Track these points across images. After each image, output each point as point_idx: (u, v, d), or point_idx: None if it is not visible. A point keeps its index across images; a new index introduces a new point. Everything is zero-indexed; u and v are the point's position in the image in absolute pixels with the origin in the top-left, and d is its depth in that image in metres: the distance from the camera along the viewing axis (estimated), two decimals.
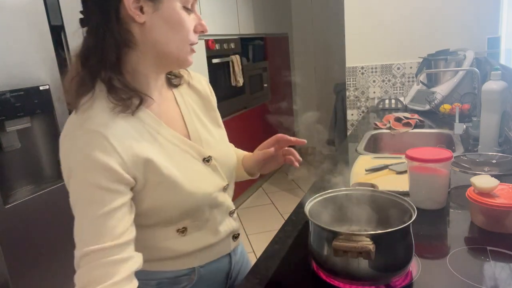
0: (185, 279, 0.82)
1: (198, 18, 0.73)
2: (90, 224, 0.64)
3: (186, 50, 0.72)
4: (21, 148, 1.45)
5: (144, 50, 0.70)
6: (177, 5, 0.69)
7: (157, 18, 0.68)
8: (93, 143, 0.65)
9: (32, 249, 1.43)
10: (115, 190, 0.65)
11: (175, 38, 0.70)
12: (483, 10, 2.42)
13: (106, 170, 0.64)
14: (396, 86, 2.76)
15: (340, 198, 0.90)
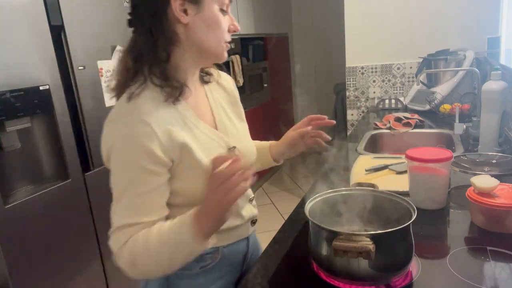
0: (209, 257, 0.89)
1: (231, 19, 0.84)
2: (129, 202, 0.76)
3: (222, 47, 0.83)
4: (21, 148, 1.45)
5: (187, 47, 0.80)
6: (215, 7, 0.79)
7: (199, 19, 0.78)
8: (138, 130, 0.73)
9: (32, 249, 1.43)
10: (154, 172, 0.74)
11: (213, 37, 0.80)
12: (483, 10, 2.42)
13: (148, 154, 0.73)
14: (396, 86, 2.76)
15: (340, 198, 0.90)
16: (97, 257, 1.74)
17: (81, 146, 1.67)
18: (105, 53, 1.80)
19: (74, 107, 1.64)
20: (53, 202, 1.52)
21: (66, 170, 1.59)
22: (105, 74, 1.79)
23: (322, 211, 0.87)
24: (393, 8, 2.63)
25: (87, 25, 1.70)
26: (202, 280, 0.90)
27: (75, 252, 1.62)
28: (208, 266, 0.90)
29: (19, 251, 1.39)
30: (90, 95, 1.71)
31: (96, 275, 1.74)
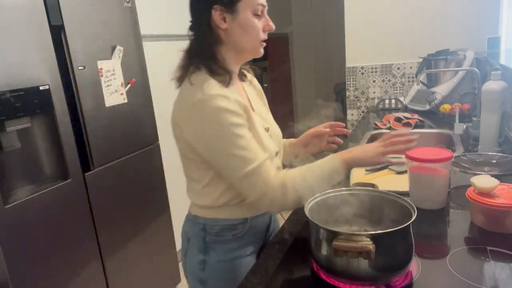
0: (240, 226, 1.05)
1: (267, 20, 0.98)
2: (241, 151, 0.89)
3: (257, 46, 0.99)
4: (21, 148, 1.45)
5: (229, 46, 0.98)
6: (249, 14, 0.94)
7: (235, 25, 0.95)
8: (216, 100, 0.89)
9: (32, 249, 1.43)
10: (244, 124, 0.92)
11: (248, 38, 0.97)
12: (483, 10, 2.42)
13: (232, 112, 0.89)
14: (396, 86, 2.76)
15: (340, 198, 0.90)
16: (97, 257, 1.74)
17: (81, 146, 1.67)
18: (105, 53, 1.80)
19: (74, 107, 1.64)
20: (53, 202, 1.52)
21: (66, 170, 1.59)
22: (105, 74, 1.79)
23: (322, 211, 0.87)
24: (393, 8, 2.63)
25: (87, 25, 1.70)
26: (234, 245, 1.05)
27: (75, 252, 1.62)
28: (238, 234, 1.05)
29: (19, 251, 1.39)
30: (90, 95, 1.71)
31: (96, 275, 1.74)
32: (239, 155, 0.89)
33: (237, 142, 0.89)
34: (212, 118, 0.88)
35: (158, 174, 2.19)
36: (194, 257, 1.06)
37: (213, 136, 0.89)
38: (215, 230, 1.04)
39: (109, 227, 1.80)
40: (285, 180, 0.92)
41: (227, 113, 0.89)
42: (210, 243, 1.04)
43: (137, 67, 2.00)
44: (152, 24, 2.36)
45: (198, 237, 1.05)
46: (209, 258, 1.04)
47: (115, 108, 1.84)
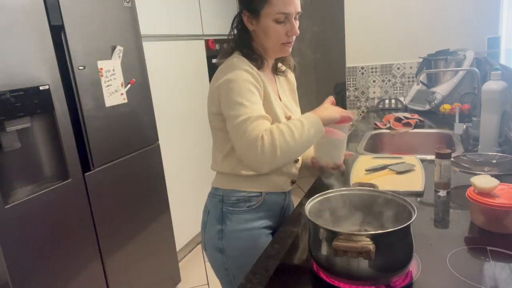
0: (255, 199, 1.16)
1: (292, 26, 1.12)
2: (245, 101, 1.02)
3: (278, 47, 1.14)
4: (21, 148, 1.45)
5: (257, 44, 1.16)
6: (270, 21, 1.09)
7: (259, 28, 1.12)
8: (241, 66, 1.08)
9: (32, 249, 1.43)
10: (258, 89, 1.07)
11: (269, 41, 1.12)
12: (483, 10, 2.42)
13: (251, 74, 1.07)
14: (396, 86, 2.76)
15: (340, 198, 0.90)
16: (97, 257, 1.74)
17: (81, 146, 1.67)
18: (105, 53, 1.80)
19: (74, 107, 1.64)
20: (53, 202, 1.52)
21: (66, 170, 1.59)
22: (105, 74, 1.79)
23: (322, 211, 0.87)
24: (393, 8, 2.63)
25: (87, 25, 1.70)
26: (248, 216, 1.16)
27: (75, 252, 1.62)
28: (253, 206, 1.16)
29: (19, 251, 1.39)
30: (90, 95, 1.71)
31: (96, 275, 1.74)
32: (242, 103, 1.01)
33: (246, 94, 1.03)
34: (235, 72, 1.06)
35: (158, 174, 2.19)
36: (212, 227, 1.18)
37: (231, 87, 1.04)
38: (232, 200, 1.16)
39: (109, 227, 1.80)
40: (272, 130, 0.99)
41: (247, 73, 1.06)
42: (227, 213, 1.16)
43: (137, 67, 2.00)
44: (152, 24, 2.36)
45: (216, 208, 1.18)
46: (225, 227, 1.15)
47: (115, 108, 1.84)
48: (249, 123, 0.99)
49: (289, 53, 1.19)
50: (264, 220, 1.18)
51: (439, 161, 1.16)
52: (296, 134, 0.99)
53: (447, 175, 1.16)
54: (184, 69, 2.67)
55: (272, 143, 0.96)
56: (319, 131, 1.03)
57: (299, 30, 1.16)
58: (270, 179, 1.18)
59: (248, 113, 1.00)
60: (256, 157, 0.98)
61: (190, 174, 2.70)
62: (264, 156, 0.96)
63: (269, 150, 0.96)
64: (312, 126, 1.02)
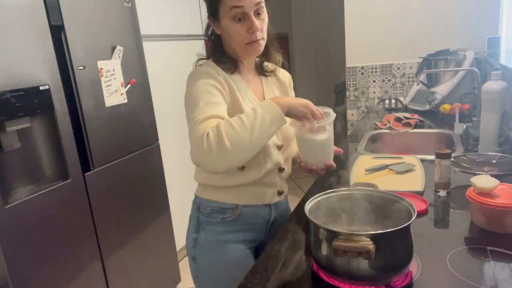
0: (229, 211, 1.10)
1: (250, 22, 1.00)
2: (205, 104, 0.94)
3: (244, 48, 1.04)
4: (21, 148, 1.45)
5: (227, 46, 1.09)
6: (228, 21, 1.01)
7: (223, 31, 1.05)
8: (204, 69, 1.03)
9: (32, 249, 1.43)
10: (219, 90, 1.00)
11: (233, 42, 1.04)
12: (483, 10, 2.42)
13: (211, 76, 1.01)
14: (396, 86, 2.76)
15: (340, 198, 0.90)
16: (97, 257, 1.74)
17: (81, 146, 1.67)
18: (105, 53, 1.80)
19: (74, 107, 1.64)
20: (53, 202, 1.52)
21: (66, 170, 1.59)
22: (105, 74, 1.79)
23: (322, 211, 0.87)
24: (393, 8, 2.63)
25: (87, 25, 1.70)
26: (221, 228, 1.10)
27: (75, 252, 1.62)
28: (227, 219, 1.10)
29: (19, 251, 1.39)
30: (90, 95, 1.71)
31: (96, 275, 1.74)
32: (200, 105, 0.94)
33: (203, 95, 0.96)
34: (194, 77, 1.02)
35: (158, 174, 2.19)
36: (190, 234, 1.16)
37: (190, 89, 1.00)
38: (207, 210, 1.11)
39: (109, 227, 1.80)
40: (219, 124, 0.89)
41: (207, 75, 1.01)
42: (202, 223, 1.13)
43: (137, 67, 2.00)
44: (152, 24, 2.36)
45: (194, 216, 1.15)
46: (199, 236, 1.12)
47: (115, 108, 1.84)
48: (197, 124, 0.90)
49: (259, 52, 1.08)
50: (241, 234, 1.11)
51: (439, 161, 1.16)
52: (247, 123, 0.88)
53: (447, 175, 1.16)
54: (184, 69, 2.67)
55: (219, 136, 0.86)
56: (276, 117, 0.90)
57: (270, 26, 1.09)
58: (249, 190, 1.09)
59: (198, 115, 0.92)
60: (204, 155, 0.87)
61: (190, 174, 2.70)
62: (212, 153, 0.85)
63: (216, 145, 0.85)
64: (267, 112, 0.90)
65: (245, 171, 1.06)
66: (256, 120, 0.88)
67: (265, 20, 1.04)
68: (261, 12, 1.02)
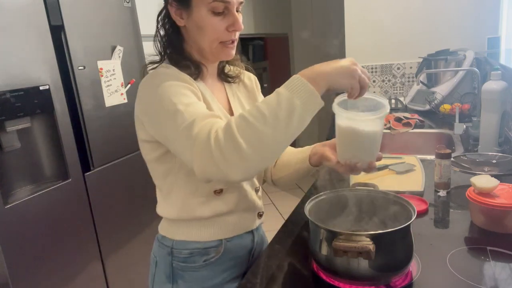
0: (213, 250, 0.93)
1: (234, 19, 0.84)
2: (182, 106, 0.75)
3: (216, 47, 0.87)
4: (21, 148, 1.45)
5: (190, 44, 0.90)
6: (204, 12, 0.83)
7: (191, 22, 0.85)
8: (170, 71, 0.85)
9: (32, 249, 1.43)
10: (194, 92, 0.81)
11: (205, 38, 0.86)
12: (483, 10, 2.42)
13: (183, 79, 0.82)
14: (396, 86, 2.76)
15: (340, 198, 0.90)
16: (97, 257, 1.74)
17: (81, 146, 1.67)
18: (105, 53, 1.79)
19: (74, 107, 1.64)
20: (53, 202, 1.52)
21: (66, 170, 1.59)
22: (105, 74, 1.79)
23: (322, 211, 0.87)
24: (393, 8, 2.62)
25: (87, 25, 1.70)
26: (206, 273, 0.92)
27: (75, 252, 1.62)
28: (211, 260, 0.92)
29: (19, 251, 1.39)
30: (90, 95, 1.71)
31: (96, 275, 1.74)
32: (181, 109, 0.74)
33: (179, 98, 0.76)
34: (158, 80, 0.81)
35: None
36: (161, 285, 0.94)
37: (154, 98, 0.79)
38: (183, 254, 0.92)
39: (109, 227, 1.80)
40: (230, 120, 0.69)
41: (175, 78, 0.82)
42: (178, 270, 0.92)
43: (137, 67, 2.00)
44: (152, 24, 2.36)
45: (165, 262, 0.93)
46: (177, 287, 0.92)
47: (115, 108, 1.84)
48: (195, 127, 0.71)
49: (231, 56, 0.89)
50: (227, 272, 0.95)
51: (439, 161, 1.16)
52: (268, 112, 0.66)
53: (447, 175, 1.16)
54: None
55: (231, 135, 0.66)
56: (310, 100, 0.67)
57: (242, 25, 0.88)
58: (231, 219, 0.93)
59: (189, 117, 0.73)
60: (215, 164, 0.67)
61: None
62: (226, 159, 0.66)
63: (229, 147, 0.65)
64: (296, 94, 0.67)
65: (222, 194, 0.90)
66: (280, 107, 0.66)
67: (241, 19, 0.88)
68: (240, 11, 0.87)
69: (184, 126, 0.72)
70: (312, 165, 0.97)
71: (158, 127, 0.80)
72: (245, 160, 0.66)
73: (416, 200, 1.10)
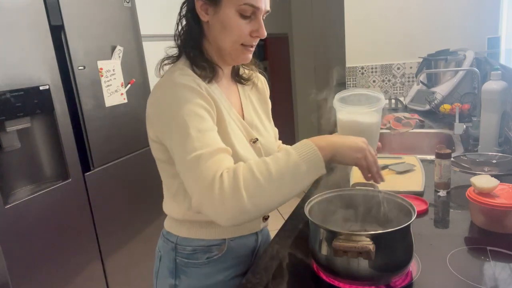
0: (216, 248, 0.94)
1: (259, 25, 0.86)
2: (195, 132, 0.75)
3: (237, 49, 0.88)
4: (21, 148, 1.45)
5: (210, 42, 0.90)
6: (232, 12, 0.84)
7: (216, 19, 0.85)
8: (184, 81, 0.82)
9: (32, 249, 1.43)
10: (207, 109, 0.81)
11: (227, 38, 0.86)
12: (483, 10, 2.42)
13: (197, 92, 0.81)
14: (396, 86, 2.76)
15: (340, 198, 0.90)
16: (97, 257, 1.74)
17: (81, 146, 1.67)
18: (105, 53, 1.79)
19: (74, 107, 1.64)
20: (53, 202, 1.52)
21: (66, 170, 1.59)
22: (105, 74, 1.79)
23: (322, 211, 0.87)
24: (393, 8, 2.63)
25: (87, 25, 1.70)
26: (209, 270, 0.94)
27: (75, 252, 1.62)
28: (214, 257, 0.94)
29: (19, 251, 1.39)
30: (90, 95, 1.71)
31: (96, 275, 1.74)
32: (192, 134, 0.75)
33: (192, 120, 0.76)
34: (175, 92, 0.80)
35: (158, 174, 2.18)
36: (164, 280, 0.96)
37: (169, 109, 0.79)
38: (187, 251, 0.93)
39: (109, 227, 1.80)
40: (238, 167, 0.72)
41: (192, 92, 0.80)
42: (181, 266, 0.94)
43: (137, 67, 2.00)
44: (152, 24, 2.36)
45: (169, 257, 0.95)
46: (180, 283, 0.94)
47: (115, 108, 1.84)
48: (203, 162, 0.72)
49: (248, 60, 0.91)
50: (230, 270, 0.96)
51: (439, 161, 1.16)
52: (275, 171, 0.70)
53: (447, 175, 1.16)
54: None
55: (235, 184, 0.69)
56: (314, 167, 0.72)
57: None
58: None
59: (199, 148, 0.73)
60: (212, 204, 0.70)
61: None
62: (224, 204, 0.68)
63: (231, 195, 0.68)
64: (304, 159, 0.72)
65: None
66: (287, 169, 0.71)
67: None
68: (264, 18, 0.89)
69: (192, 157, 0.73)
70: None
71: (168, 138, 0.81)
72: (242, 212, 0.69)
73: (416, 200, 1.10)
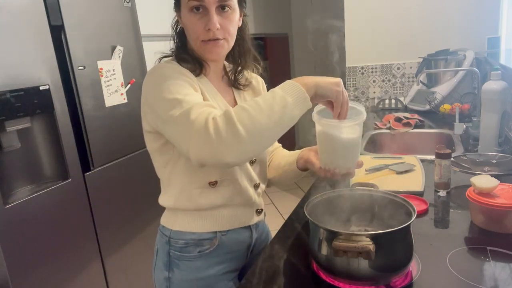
0: (207, 242, 0.96)
1: (208, 17, 0.86)
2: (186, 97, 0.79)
3: (199, 46, 0.90)
4: (21, 148, 1.45)
5: (190, 41, 0.94)
6: (186, 12, 0.88)
7: (183, 23, 0.92)
8: (172, 64, 0.90)
9: (32, 249, 1.43)
10: (195, 89, 0.86)
11: (190, 38, 0.92)
12: (483, 10, 2.42)
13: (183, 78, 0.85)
14: (396, 86, 2.76)
15: (340, 198, 0.90)
16: (97, 257, 1.74)
17: (81, 146, 1.67)
18: (105, 53, 1.79)
19: (74, 107, 1.64)
20: (53, 202, 1.52)
21: (66, 170, 1.59)
22: (105, 74, 1.79)
23: (322, 211, 0.87)
24: (393, 8, 2.63)
25: (87, 25, 1.70)
26: (200, 264, 0.96)
27: (75, 252, 1.62)
28: (206, 251, 0.96)
29: (19, 251, 1.39)
30: (90, 95, 1.71)
31: (96, 275, 1.74)
32: (179, 97, 0.79)
33: (178, 88, 0.81)
34: (158, 72, 0.87)
35: None
36: (160, 272, 0.99)
37: (156, 86, 0.84)
38: (179, 244, 0.96)
39: (109, 227, 1.80)
40: (228, 110, 0.75)
41: (174, 70, 0.86)
42: (174, 259, 0.97)
43: (137, 67, 2.00)
44: (152, 24, 2.36)
45: (164, 250, 0.98)
46: (173, 275, 0.96)
47: (115, 108, 1.84)
48: (193, 111, 0.75)
49: (218, 54, 0.92)
50: (223, 265, 0.97)
51: (439, 161, 1.16)
52: (264, 105, 0.74)
53: (447, 175, 1.16)
54: None
55: (229, 121, 0.72)
56: (300, 99, 0.76)
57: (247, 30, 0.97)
58: (226, 213, 0.96)
59: (187, 105, 0.77)
60: (211, 145, 0.71)
61: None
62: (222, 140, 0.71)
63: (228, 131, 0.71)
64: (288, 93, 0.75)
65: (217, 187, 0.93)
66: (274, 101, 0.74)
67: (232, 19, 0.89)
68: (227, 8, 0.87)
69: (182, 112, 0.77)
70: (299, 168, 1.04)
71: (157, 114, 0.83)
72: (241, 144, 0.72)
73: (416, 200, 1.10)
